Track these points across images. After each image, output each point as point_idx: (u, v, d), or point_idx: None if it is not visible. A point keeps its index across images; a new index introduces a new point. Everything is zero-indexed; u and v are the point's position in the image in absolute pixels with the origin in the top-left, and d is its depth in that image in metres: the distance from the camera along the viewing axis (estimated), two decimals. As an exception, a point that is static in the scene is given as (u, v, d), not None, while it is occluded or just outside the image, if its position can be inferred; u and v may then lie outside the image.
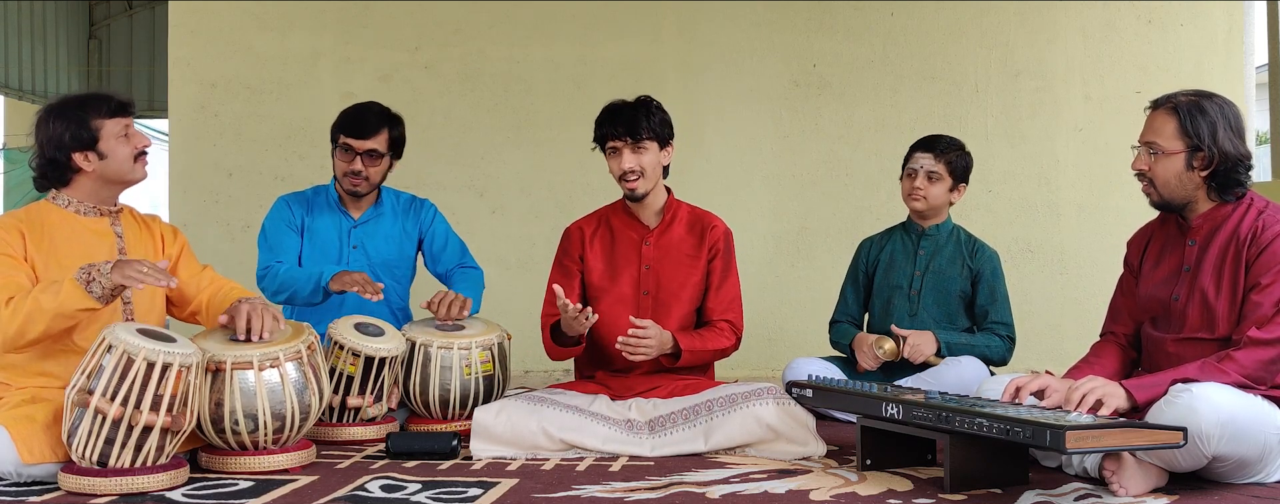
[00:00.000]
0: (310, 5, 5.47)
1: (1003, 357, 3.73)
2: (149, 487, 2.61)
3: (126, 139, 2.93)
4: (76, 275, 2.71)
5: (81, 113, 2.89)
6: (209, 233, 5.31)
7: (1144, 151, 2.77)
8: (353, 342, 3.27)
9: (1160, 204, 2.82)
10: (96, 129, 2.89)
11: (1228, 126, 2.70)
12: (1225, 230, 2.75)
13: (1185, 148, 2.71)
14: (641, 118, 3.31)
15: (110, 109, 2.91)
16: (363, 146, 3.67)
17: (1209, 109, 2.70)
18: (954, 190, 3.77)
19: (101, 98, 2.94)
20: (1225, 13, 5.44)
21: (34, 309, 2.69)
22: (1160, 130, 2.73)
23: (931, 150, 3.72)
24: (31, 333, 2.72)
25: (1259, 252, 2.67)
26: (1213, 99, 2.73)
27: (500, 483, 2.73)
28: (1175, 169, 2.73)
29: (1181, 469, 2.57)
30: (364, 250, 3.80)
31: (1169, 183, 2.75)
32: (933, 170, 3.71)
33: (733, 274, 3.47)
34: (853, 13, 5.45)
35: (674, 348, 3.29)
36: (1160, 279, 2.86)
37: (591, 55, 5.46)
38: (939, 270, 3.77)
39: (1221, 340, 2.71)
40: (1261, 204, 2.75)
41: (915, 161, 3.75)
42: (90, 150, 2.90)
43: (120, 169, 2.94)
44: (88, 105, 2.91)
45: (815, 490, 2.65)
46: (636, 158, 3.31)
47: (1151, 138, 2.75)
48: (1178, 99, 2.74)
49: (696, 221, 3.48)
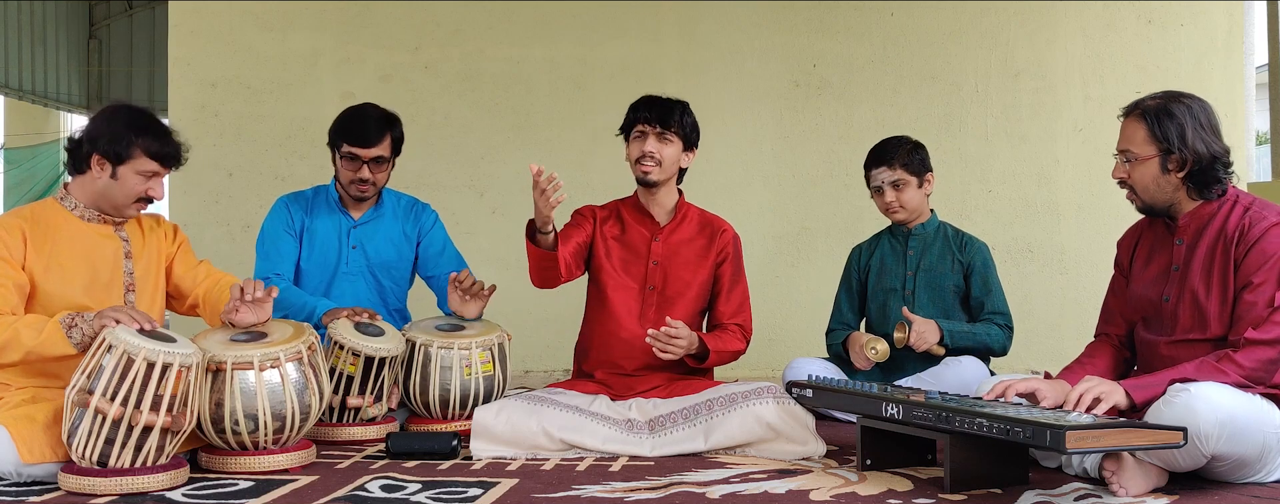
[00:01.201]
0: (310, 5, 5.47)
1: (1003, 345, 3.72)
2: (149, 487, 2.61)
3: (144, 179, 2.92)
4: (61, 319, 2.73)
5: (134, 132, 2.88)
6: (209, 233, 5.30)
7: (1120, 160, 2.79)
8: (353, 342, 3.27)
9: (1145, 209, 2.83)
10: (132, 153, 2.88)
11: (1198, 126, 2.70)
12: (1212, 228, 2.75)
13: (1157, 152, 2.72)
14: (676, 112, 3.37)
15: (155, 150, 2.90)
16: (369, 155, 3.66)
17: (1176, 111, 2.70)
18: (922, 186, 3.76)
19: (159, 136, 2.91)
20: (1225, 13, 5.44)
21: (12, 339, 2.73)
22: (1131, 137, 2.75)
23: (884, 162, 3.71)
24: (6, 359, 2.76)
25: (1247, 249, 2.66)
26: (1181, 100, 2.73)
27: (500, 483, 2.73)
28: (1151, 174, 2.75)
29: (1181, 469, 2.57)
30: (363, 251, 3.79)
31: (1148, 188, 2.77)
32: (896, 179, 3.70)
33: (742, 278, 3.51)
34: (853, 13, 5.45)
35: (700, 348, 3.30)
36: (1150, 279, 2.87)
37: (591, 55, 5.46)
38: (930, 268, 3.77)
39: (1215, 341, 2.70)
40: (1247, 201, 2.74)
41: (875, 179, 3.73)
42: (110, 163, 2.89)
43: (117, 198, 2.94)
44: (147, 131, 2.90)
45: (815, 490, 2.65)
46: (658, 145, 3.34)
47: (1125, 145, 2.77)
48: (1145, 104, 2.75)
49: (706, 224, 3.50)
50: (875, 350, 3.62)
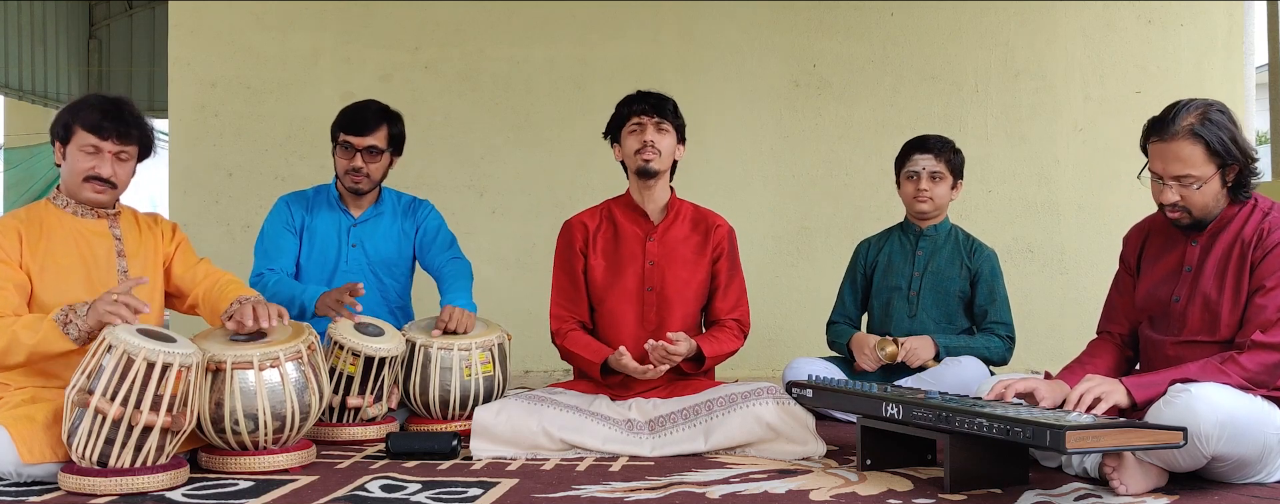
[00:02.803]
0: (310, 5, 5.47)
1: (1003, 357, 3.73)
2: (149, 487, 2.61)
3: (87, 156, 2.90)
4: (55, 316, 2.73)
5: (75, 110, 2.92)
6: (209, 233, 5.31)
7: (1175, 185, 2.67)
8: (353, 342, 3.27)
9: (1191, 225, 2.75)
10: (73, 130, 2.91)
11: (1237, 128, 2.66)
12: (1229, 231, 2.73)
13: (1217, 168, 2.65)
14: (669, 103, 3.40)
15: (91, 122, 2.88)
16: (362, 143, 3.67)
17: (1217, 120, 2.63)
18: (954, 188, 3.77)
19: (99, 109, 2.90)
20: (1225, 13, 5.44)
21: (12, 341, 2.73)
22: (1189, 160, 2.64)
23: (930, 150, 3.71)
24: (11, 361, 2.76)
25: (1264, 254, 2.65)
26: (1212, 107, 2.66)
27: (500, 483, 2.73)
28: (1213, 191, 2.68)
29: (1181, 469, 2.57)
30: (363, 249, 3.80)
31: (1207, 206, 2.70)
32: (935, 170, 3.71)
33: (738, 273, 3.48)
34: (853, 13, 5.45)
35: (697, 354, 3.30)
36: (1159, 278, 2.85)
37: (591, 55, 5.46)
38: (938, 271, 3.77)
39: (1223, 343, 2.70)
40: (1266, 206, 2.72)
41: (915, 164, 3.73)
42: (61, 144, 2.94)
43: (70, 180, 2.95)
44: (86, 107, 2.92)
45: (815, 490, 2.65)
46: (658, 135, 3.35)
47: (1182, 171, 2.65)
48: (1188, 123, 2.63)
49: (700, 220, 3.48)
50: (884, 352, 3.63)
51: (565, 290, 3.44)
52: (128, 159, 2.96)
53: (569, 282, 3.44)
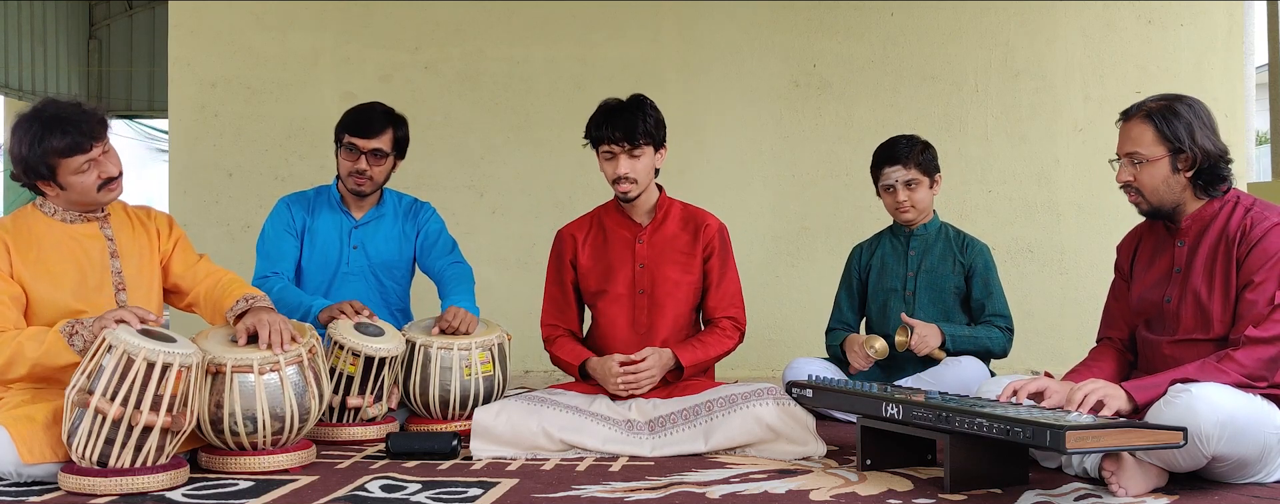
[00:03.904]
0: (310, 5, 5.47)
1: (1004, 347, 3.72)
2: (149, 487, 2.61)
3: (86, 171, 2.84)
4: (61, 328, 2.73)
5: (41, 149, 2.77)
6: (209, 233, 5.31)
7: (1126, 163, 2.79)
8: (353, 342, 3.27)
9: (1151, 212, 2.83)
10: (56, 165, 2.81)
11: (1202, 125, 2.72)
12: (1213, 229, 2.76)
13: (1167, 152, 2.72)
14: (638, 121, 3.27)
15: (67, 146, 2.77)
16: (368, 146, 3.67)
17: (1181, 110, 2.72)
18: (933, 187, 3.76)
19: (62, 131, 2.76)
20: (1225, 13, 5.44)
21: (16, 354, 2.73)
22: (1139, 139, 2.75)
23: (898, 161, 3.68)
24: (14, 373, 2.76)
25: (1249, 249, 2.67)
26: (1182, 100, 2.75)
27: (500, 483, 2.73)
28: (1161, 174, 2.74)
29: (1181, 469, 2.57)
30: (364, 251, 3.80)
31: (1157, 189, 2.76)
32: (909, 179, 3.69)
33: (731, 269, 3.46)
34: (853, 13, 5.45)
35: (676, 363, 3.30)
36: (1152, 281, 2.87)
37: (591, 55, 5.46)
38: (931, 269, 3.77)
39: (1217, 340, 2.71)
40: (1248, 202, 2.75)
41: (888, 177, 3.71)
42: (51, 181, 2.85)
43: (83, 198, 2.91)
44: (47, 136, 2.76)
45: (815, 490, 2.65)
46: (632, 163, 3.30)
47: (1132, 148, 2.76)
48: (1148, 106, 2.76)
49: (689, 219, 3.46)
50: (874, 349, 3.62)
51: (556, 299, 3.49)
52: (109, 149, 2.90)
53: (559, 291, 3.49)
